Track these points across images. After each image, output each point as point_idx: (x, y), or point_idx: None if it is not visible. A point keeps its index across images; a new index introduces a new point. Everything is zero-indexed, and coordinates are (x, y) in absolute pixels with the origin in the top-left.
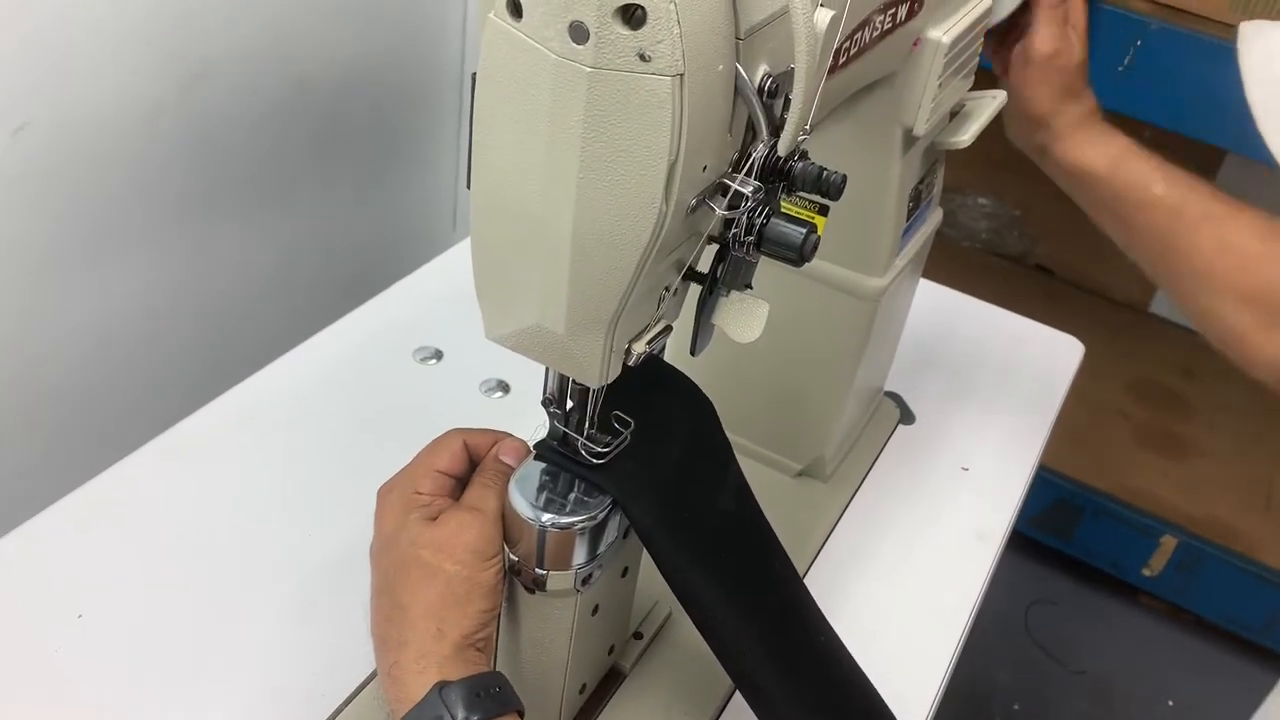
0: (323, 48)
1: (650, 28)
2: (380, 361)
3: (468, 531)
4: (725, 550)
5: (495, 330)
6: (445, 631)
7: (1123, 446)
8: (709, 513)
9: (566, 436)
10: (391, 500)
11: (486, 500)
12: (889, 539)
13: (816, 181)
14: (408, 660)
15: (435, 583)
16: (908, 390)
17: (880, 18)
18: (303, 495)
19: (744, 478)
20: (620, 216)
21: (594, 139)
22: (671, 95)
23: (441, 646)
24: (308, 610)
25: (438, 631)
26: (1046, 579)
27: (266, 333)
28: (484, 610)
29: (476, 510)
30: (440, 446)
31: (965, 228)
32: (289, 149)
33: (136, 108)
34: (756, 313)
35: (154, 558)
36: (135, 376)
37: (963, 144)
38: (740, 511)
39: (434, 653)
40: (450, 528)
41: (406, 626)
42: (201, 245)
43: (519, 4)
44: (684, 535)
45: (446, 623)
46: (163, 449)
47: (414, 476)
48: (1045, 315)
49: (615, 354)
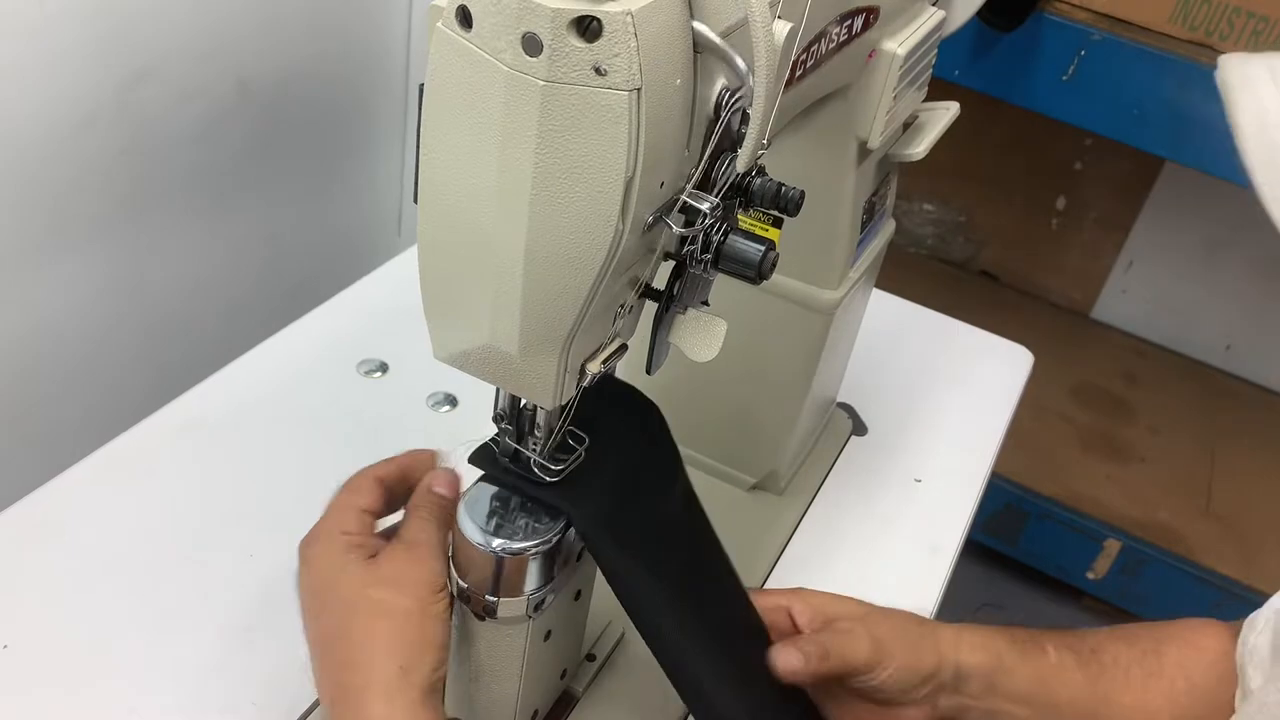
0: (265, 52)
1: (606, 40)
2: (323, 375)
3: (417, 565)
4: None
5: (443, 350)
6: (409, 669)
7: (1067, 451)
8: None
9: (518, 454)
10: (321, 549)
11: (427, 531)
12: (843, 552)
13: (775, 197)
14: (374, 703)
15: (392, 620)
16: (860, 401)
17: (836, 29)
18: (244, 513)
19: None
20: (575, 234)
21: (548, 154)
22: (629, 110)
23: (408, 688)
24: (251, 631)
25: (400, 670)
26: (994, 583)
27: (206, 344)
28: (441, 645)
29: (420, 543)
30: (356, 488)
31: (911, 234)
32: (230, 155)
33: (71, 111)
34: (714, 331)
35: (86, 582)
36: (69, 389)
37: (917, 156)
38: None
39: (401, 694)
40: (398, 563)
41: (367, 669)
42: (138, 253)
43: (469, 14)
44: (631, 548)
45: (410, 659)
46: (96, 466)
47: (339, 521)
48: (990, 321)
49: (569, 374)
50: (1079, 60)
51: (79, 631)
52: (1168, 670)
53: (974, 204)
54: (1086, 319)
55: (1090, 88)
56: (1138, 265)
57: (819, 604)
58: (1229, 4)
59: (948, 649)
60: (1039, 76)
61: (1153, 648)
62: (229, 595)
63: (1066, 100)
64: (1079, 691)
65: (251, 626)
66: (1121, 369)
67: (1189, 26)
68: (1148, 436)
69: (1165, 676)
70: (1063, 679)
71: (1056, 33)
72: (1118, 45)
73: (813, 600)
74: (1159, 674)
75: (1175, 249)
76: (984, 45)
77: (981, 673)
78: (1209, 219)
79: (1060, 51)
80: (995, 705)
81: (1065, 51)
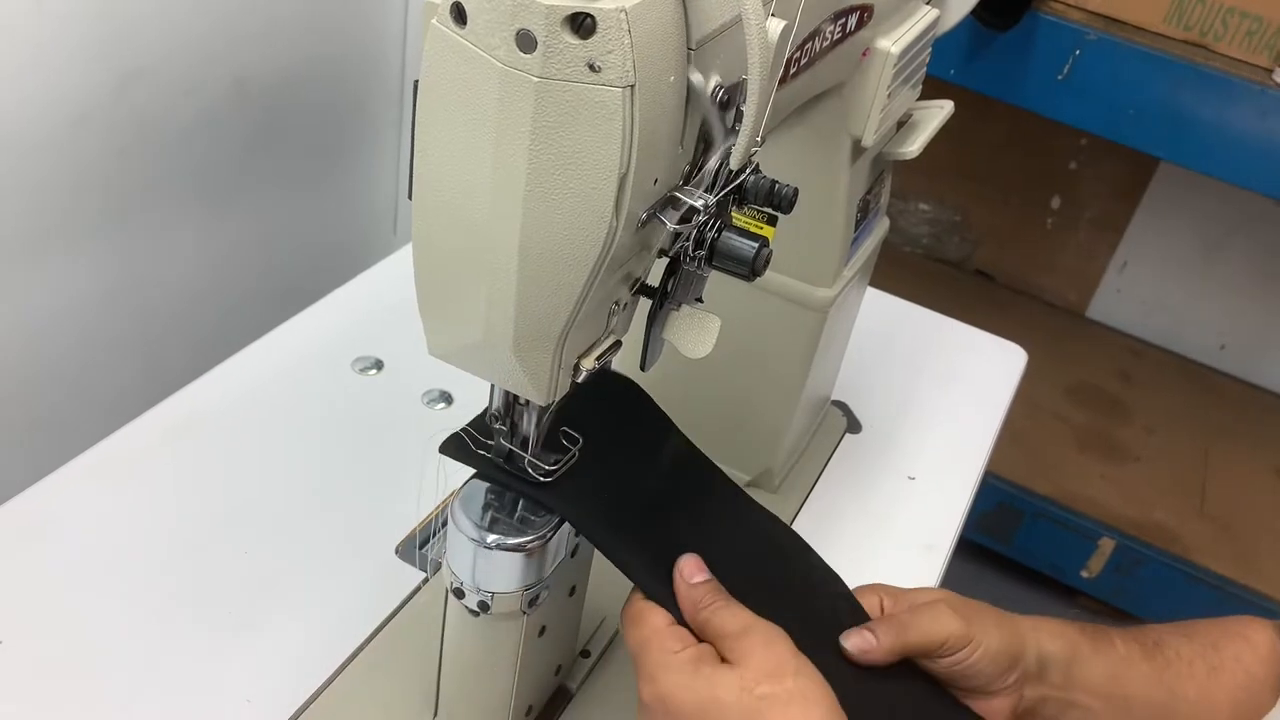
0: (261, 50)
1: (600, 37)
2: (319, 372)
3: (768, 647)
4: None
5: (438, 346)
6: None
7: (1062, 450)
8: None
9: (512, 454)
10: (671, 679)
11: (739, 616)
12: (837, 550)
13: (769, 195)
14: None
15: (793, 705)
16: (854, 399)
17: (830, 28)
18: (239, 511)
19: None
20: (569, 230)
21: (542, 150)
22: (622, 106)
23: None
24: (246, 628)
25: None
26: (988, 581)
27: (202, 341)
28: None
29: (748, 627)
30: (639, 617)
31: (906, 233)
32: (225, 152)
33: (64, 109)
34: (708, 327)
35: (80, 579)
36: (62, 388)
37: (910, 155)
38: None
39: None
40: (754, 655)
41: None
42: (133, 251)
43: (463, 10)
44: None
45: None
46: (90, 465)
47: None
48: (986, 320)
49: (564, 370)
50: (1074, 60)
51: (73, 629)
52: (1226, 664)
53: (969, 203)
54: (1082, 318)
55: (1085, 87)
56: (1132, 265)
57: (903, 594)
58: (1223, 4)
59: (1029, 635)
60: (1034, 76)
61: (1211, 642)
62: (224, 592)
63: (1062, 100)
64: (1148, 684)
65: (247, 623)
66: (1117, 368)
67: (1184, 26)
68: (1143, 436)
69: (1225, 670)
70: (1132, 672)
71: (1052, 32)
72: (1113, 45)
73: (896, 592)
74: (1219, 668)
75: (1170, 249)
76: (979, 44)
77: (1061, 661)
78: (1204, 219)
79: (1055, 51)
80: (1072, 696)
81: (1060, 51)
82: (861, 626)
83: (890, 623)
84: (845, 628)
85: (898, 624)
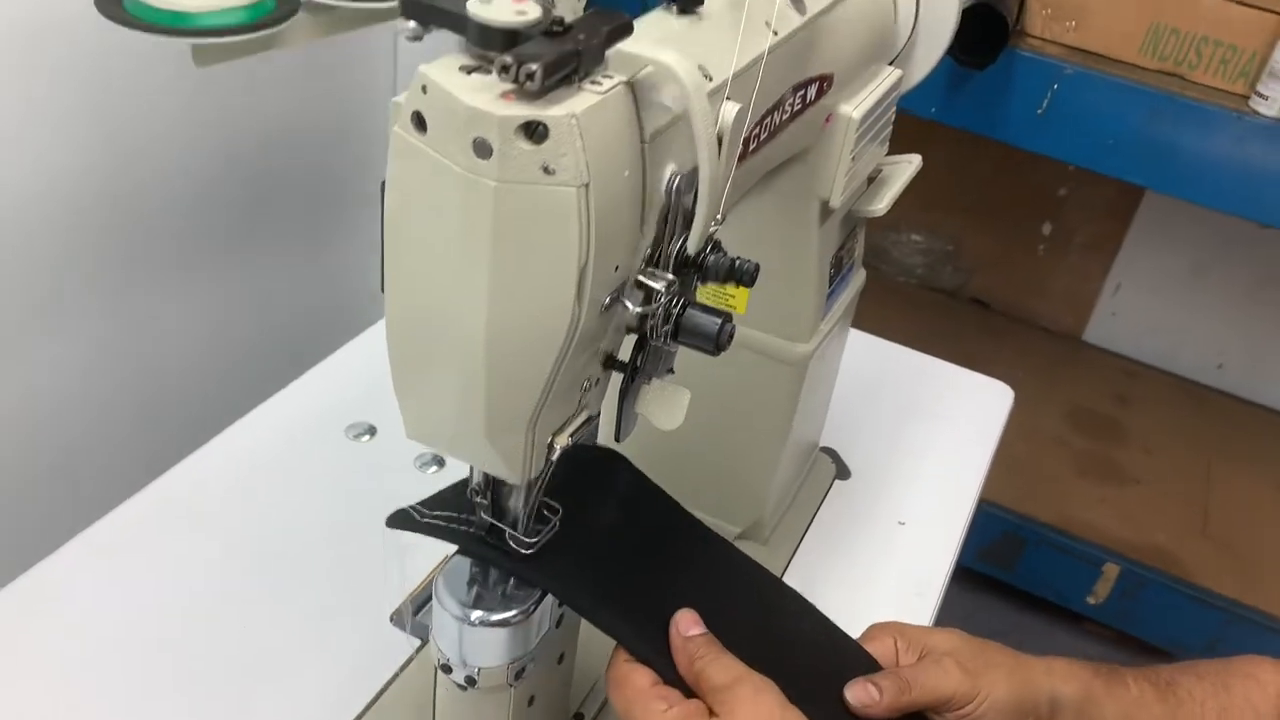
0: (253, 121)
1: (553, 142)
2: (313, 440)
3: (758, 696)
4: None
5: (416, 430)
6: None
7: (1062, 476)
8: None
9: (494, 528)
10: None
11: (731, 669)
12: (830, 599)
13: (730, 272)
14: None
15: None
16: (843, 444)
17: (791, 99)
18: (238, 587)
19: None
20: (533, 320)
21: (503, 248)
22: (577, 204)
23: None
24: (244, 703)
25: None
26: (993, 610)
27: (196, 412)
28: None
29: (738, 677)
30: (623, 679)
31: (900, 264)
32: (217, 223)
33: (60, 180)
34: (678, 400)
35: (82, 658)
36: (58, 462)
37: (878, 212)
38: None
39: None
40: (744, 705)
41: None
42: (126, 323)
43: (423, 119)
44: (620, 595)
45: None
46: (91, 542)
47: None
48: (981, 348)
49: (538, 449)
50: (1053, 94)
51: (74, 708)
52: (1236, 703)
53: (961, 232)
54: (1078, 342)
55: (1065, 121)
56: (1126, 288)
57: (916, 636)
58: (1196, 34)
59: (1041, 679)
60: (1014, 112)
61: (1221, 682)
62: (222, 674)
63: (1042, 134)
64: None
65: (245, 698)
66: (1114, 391)
67: (1158, 57)
68: (1142, 458)
69: (1235, 711)
70: (1145, 714)
71: (1029, 68)
72: (1089, 78)
73: (909, 633)
74: (1230, 708)
75: (1163, 270)
76: (959, 82)
77: (1074, 703)
78: (1194, 241)
79: (1033, 87)
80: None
81: (1038, 86)
82: (866, 679)
83: (894, 678)
84: (844, 676)
85: (902, 680)
